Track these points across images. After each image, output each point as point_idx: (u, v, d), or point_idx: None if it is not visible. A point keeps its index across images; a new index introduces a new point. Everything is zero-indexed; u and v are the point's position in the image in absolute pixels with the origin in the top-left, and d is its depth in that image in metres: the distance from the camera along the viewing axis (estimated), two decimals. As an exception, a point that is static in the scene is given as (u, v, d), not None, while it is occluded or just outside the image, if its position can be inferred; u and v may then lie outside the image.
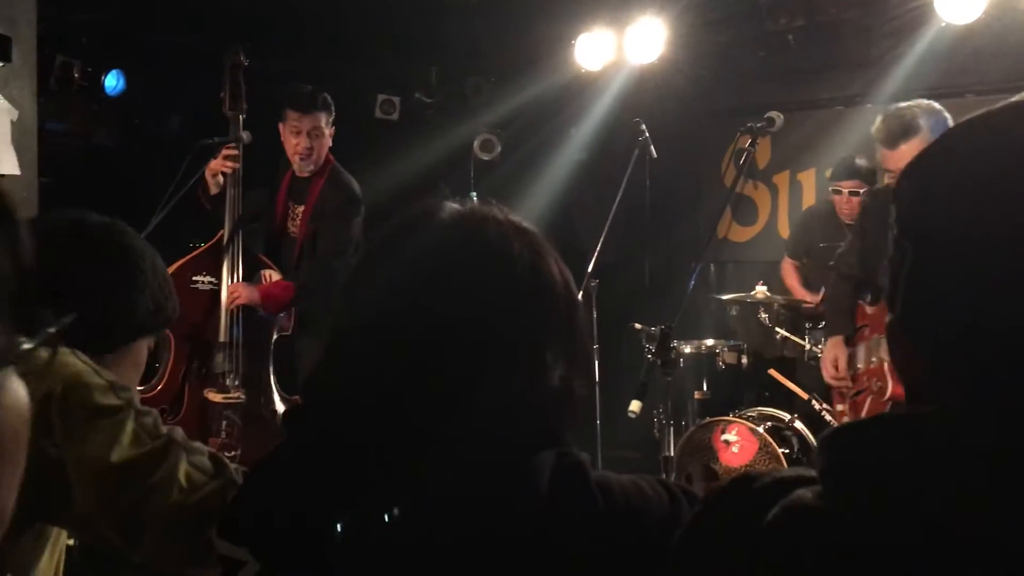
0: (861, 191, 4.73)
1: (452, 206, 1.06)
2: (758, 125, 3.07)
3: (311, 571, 0.97)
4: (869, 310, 3.51)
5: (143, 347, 1.52)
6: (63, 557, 1.41)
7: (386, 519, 0.93)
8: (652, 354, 2.95)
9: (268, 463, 1.09)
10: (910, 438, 0.70)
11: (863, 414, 3.31)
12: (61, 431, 1.22)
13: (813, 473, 0.75)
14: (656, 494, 1.00)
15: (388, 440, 0.96)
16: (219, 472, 1.28)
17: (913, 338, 0.76)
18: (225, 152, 3.87)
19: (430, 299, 0.98)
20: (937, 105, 3.15)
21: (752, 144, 3.06)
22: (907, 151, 3.02)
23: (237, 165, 3.89)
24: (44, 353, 1.23)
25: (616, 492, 0.97)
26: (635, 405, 2.86)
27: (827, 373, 3.58)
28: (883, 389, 3.26)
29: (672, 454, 3.26)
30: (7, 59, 4.26)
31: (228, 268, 3.88)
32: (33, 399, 1.17)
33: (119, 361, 1.44)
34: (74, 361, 1.28)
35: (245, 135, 3.96)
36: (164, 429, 1.29)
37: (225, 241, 3.90)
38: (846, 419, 3.44)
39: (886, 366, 3.25)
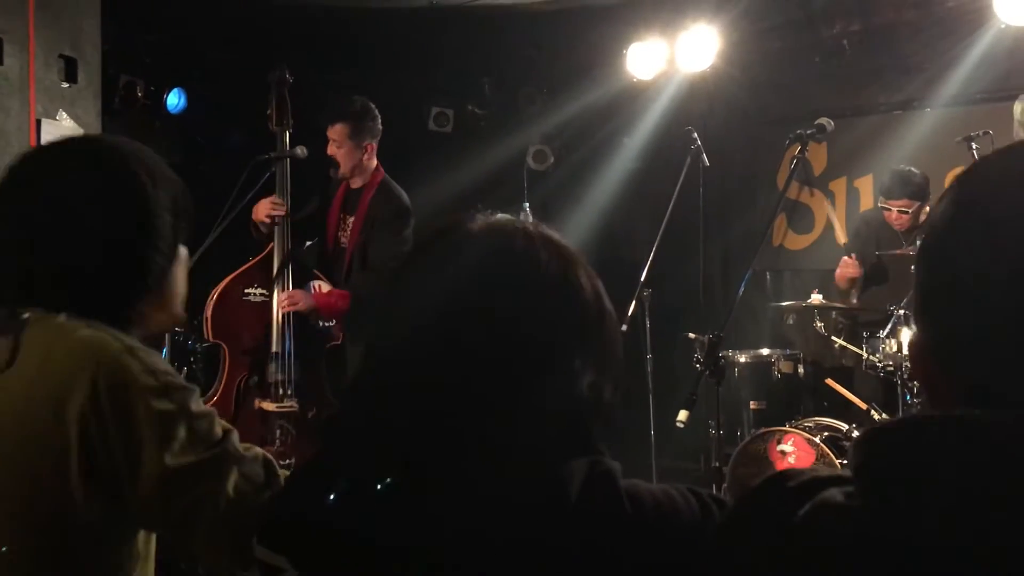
0: (910, 209, 4.63)
1: (482, 218, 1.08)
2: (808, 132, 3.01)
3: None
4: None
5: (179, 273, 1.46)
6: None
7: (419, 524, 0.95)
8: (700, 363, 2.89)
9: (306, 471, 1.12)
10: (942, 439, 0.71)
11: None
12: (115, 431, 1.25)
13: (848, 473, 0.77)
14: (686, 503, 1.00)
15: (422, 448, 0.98)
16: (269, 482, 1.30)
17: (938, 354, 0.78)
18: (271, 201, 3.96)
19: (459, 309, 0.99)
20: None
21: (802, 151, 3.00)
22: None
23: (281, 212, 3.97)
24: (82, 328, 1.27)
25: (646, 501, 0.97)
26: (683, 415, 2.84)
27: None
28: None
29: (719, 464, 3.18)
30: (73, 80, 4.42)
31: (279, 280, 3.96)
32: (78, 388, 1.20)
33: (157, 302, 1.40)
34: (118, 349, 1.27)
35: (300, 149, 4.04)
36: (220, 432, 1.30)
37: (276, 253, 3.98)
38: None
39: None
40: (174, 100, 5.73)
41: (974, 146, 4.39)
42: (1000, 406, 0.71)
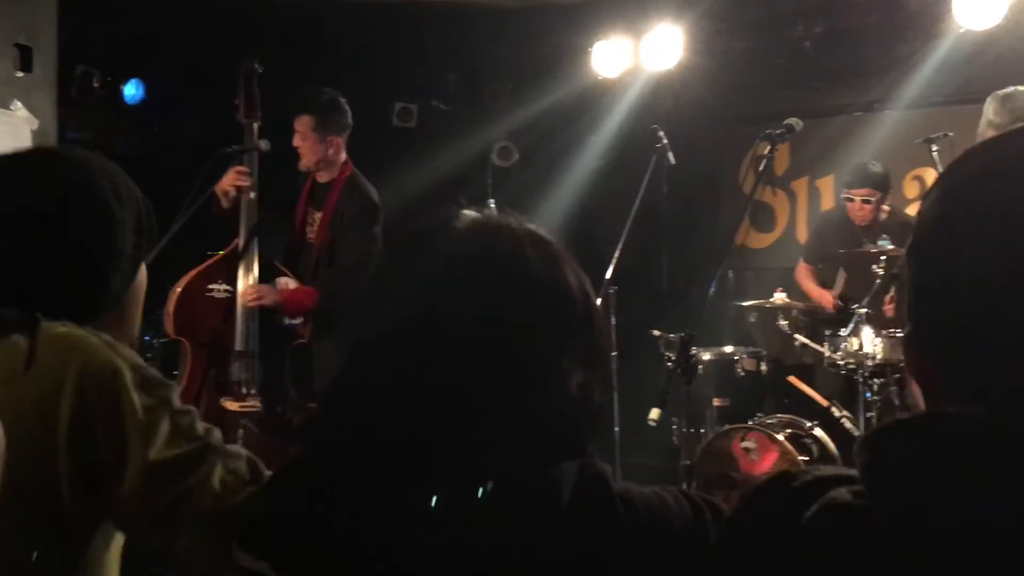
0: (873, 199, 4.70)
1: (467, 215, 1.06)
2: (777, 132, 3.02)
3: None
4: None
5: (139, 293, 1.44)
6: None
7: (407, 529, 0.94)
8: (672, 362, 2.89)
9: (289, 473, 1.09)
10: (950, 437, 0.71)
11: None
12: (102, 428, 1.22)
13: (852, 472, 0.77)
14: (679, 505, 0.99)
15: (407, 451, 0.96)
16: (255, 478, 1.28)
17: (932, 350, 0.78)
18: (236, 170, 3.88)
19: (445, 308, 0.98)
20: None
21: (772, 151, 3.01)
22: None
23: (247, 183, 3.89)
24: (57, 326, 1.23)
25: (639, 504, 0.96)
26: (655, 413, 2.83)
27: None
28: None
29: (689, 462, 3.18)
30: (28, 69, 4.31)
31: (243, 276, 3.89)
32: (68, 385, 1.17)
33: (114, 322, 1.38)
34: (100, 345, 1.26)
35: (263, 143, 3.97)
36: (201, 430, 1.28)
37: (240, 248, 3.90)
38: None
39: None
40: (132, 91, 5.63)
41: (934, 148, 4.45)
42: (1001, 403, 0.71)
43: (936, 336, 0.77)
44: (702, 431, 4.67)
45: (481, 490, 0.92)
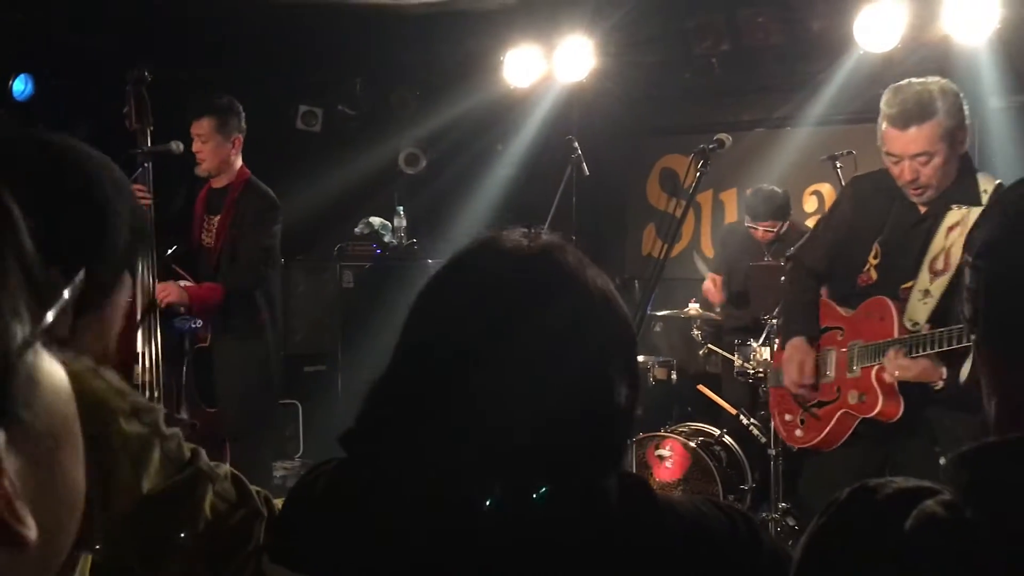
0: (775, 228, 4.88)
1: (521, 231, 1.09)
2: (710, 147, 3.08)
3: None
4: (843, 312, 3.00)
5: (121, 300, 1.33)
6: None
7: (463, 537, 0.95)
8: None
9: (324, 485, 1.08)
10: None
11: (830, 427, 2.97)
12: (89, 458, 1.12)
13: (928, 484, 0.79)
14: (711, 510, 1.04)
15: (458, 459, 0.96)
16: (243, 500, 1.21)
17: (1005, 352, 0.81)
18: (137, 189, 3.73)
19: (506, 322, 0.99)
20: (954, 85, 2.75)
21: (704, 164, 3.06)
22: (917, 136, 2.66)
23: (147, 200, 3.77)
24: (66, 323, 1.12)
25: (681, 511, 1.01)
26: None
27: (790, 378, 3.00)
28: (868, 404, 2.88)
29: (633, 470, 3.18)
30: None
31: (140, 278, 3.74)
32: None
33: (95, 327, 1.28)
34: (83, 371, 1.17)
35: (175, 145, 3.87)
36: (188, 452, 1.21)
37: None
38: (799, 432, 3.12)
39: (874, 378, 2.85)
40: (20, 86, 5.35)
41: (838, 164, 4.63)
42: None
43: (1013, 340, 0.80)
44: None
45: (535, 495, 0.93)
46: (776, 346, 3.46)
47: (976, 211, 2.70)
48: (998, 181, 2.80)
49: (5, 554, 0.58)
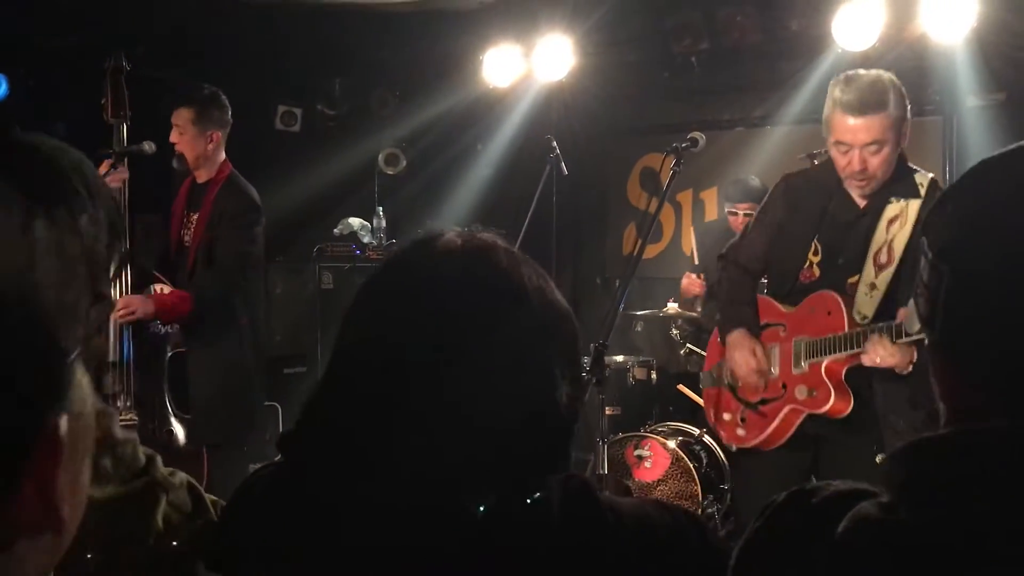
0: (754, 212, 4.86)
1: (456, 231, 1.09)
2: (683, 145, 3.07)
3: None
4: (784, 308, 2.99)
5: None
6: None
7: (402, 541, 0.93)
8: (587, 373, 2.84)
9: (264, 491, 1.06)
10: (986, 452, 0.72)
11: (775, 425, 2.92)
12: None
13: (867, 487, 0.78)
14: (656, 511, 1.04)
15: (394, 460, 0.95)
16: (198, 511, 1.19)
17: (958, 359, 0.79)
18: (115, 176, 3.66)
19: (440, 322, 0.99)
20: (897, 80, 2.76)
21: (678, 163, 3.04)
22: (871, 124, 2.66)
23: (119, 180, 3.67)
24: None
25: (624, 511, 1.00)
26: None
27: (746, 366, 2.96)
28: (819, 399, 2.84)
29: (603, 472, 3.16)
30: None
31: (115, 283, 3.67)
32: None
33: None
34: None
35: (148, 145, 3.77)
36: (143, 458, 1.18)
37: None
38: (740, 431, 3.06)
39: (824, 373, 2.82)
40: (-6, 86, 5.27)
41: (816, 162, 4.62)
42: None
43: (968, 349, 0.78)
44: (596, 440, 4.68)
45: (471, 497, 0.92)
46: (710, 344, 3.38)
47: (915, 203, 2.75)
48: (931, 175, 2.83)
49: (37, 539, 0.60)
